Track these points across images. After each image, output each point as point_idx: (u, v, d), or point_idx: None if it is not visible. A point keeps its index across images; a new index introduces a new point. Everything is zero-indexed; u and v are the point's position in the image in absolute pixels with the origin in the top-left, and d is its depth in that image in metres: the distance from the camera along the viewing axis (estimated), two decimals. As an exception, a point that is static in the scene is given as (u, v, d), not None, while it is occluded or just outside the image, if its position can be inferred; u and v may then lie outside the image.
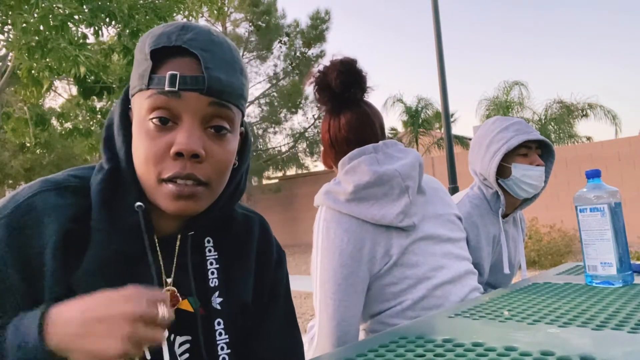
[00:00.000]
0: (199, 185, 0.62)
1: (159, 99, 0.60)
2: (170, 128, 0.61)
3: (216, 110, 0.62)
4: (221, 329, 0.69)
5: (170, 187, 0.61)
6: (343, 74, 1.12)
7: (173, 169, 0.60)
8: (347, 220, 1.07)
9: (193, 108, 0.61)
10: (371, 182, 1.06)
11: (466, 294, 1.10)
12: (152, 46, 0.61)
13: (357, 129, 1.14)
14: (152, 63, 0.60)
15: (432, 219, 1.15)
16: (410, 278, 1.06)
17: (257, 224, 0.80)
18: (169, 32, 0.62)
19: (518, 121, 1.50)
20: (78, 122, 8.53)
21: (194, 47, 0.61)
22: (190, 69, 0.60)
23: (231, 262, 0.74)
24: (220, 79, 0.61)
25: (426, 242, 1.10)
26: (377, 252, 1.06)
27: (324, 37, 13.65)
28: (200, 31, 0.63)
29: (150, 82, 0.60)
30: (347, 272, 1.04)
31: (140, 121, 0.62)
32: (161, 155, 0.60)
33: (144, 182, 0.63)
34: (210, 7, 6.26)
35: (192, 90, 0.60)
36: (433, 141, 14.94)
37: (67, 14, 4.69)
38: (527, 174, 1.45)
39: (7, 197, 0.64)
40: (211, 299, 0.70)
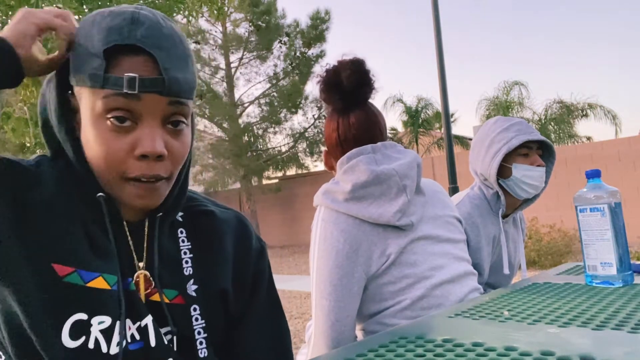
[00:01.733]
0: (160, 180, 0.64)
1: (117, 101, 0.59)
2: (128, 128, 0.61)
3: (175, 108, 0.63)
4: (197, 314, 0.71)
5: (134, 186, 0.63)
6: (355, 73, 1.13)
7: (138, 170, 0.62)
8: (345, 220, 1.07)
9: (153, 109, 0.61)
10: (369, 181, 1.07)
11: (466, 294, 1.10)
12: (103, 44, 0.59)
13: (365, 128, 1.15)
14: (105, 62, 0.59)
15: (431, 220, 1.15)
16: (409, 277, 1.06)
17: (233, 217, 0.81)
18: (119, 26, 0.60)
19: (519, 121, 1.50)
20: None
21: (149, 46, 0.59)
22: (147, 70, 0.59)
23: (205, 251, 0.75)
24: (178, 78, 0.61)
25: (425, 242, 1.10)
26: (374, 252, 1.06)
27: (324, 37, 13.64)
28: (150, 24, 0.61)
29: (106, 82, 0.59)
30: (343, 273, 1.04)
31: (95, 118, 0.61)
32: (124, 156, 0.61)
33: (102, 176, 0.64)
34: (210, 7, 6.27)
35: (152, 92, 0.60)
36: (433, 141, 14.96)
37: (67, 14, 4.70)
38: (527, 175, 1.45)
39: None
40: (186, 286, 0.71)
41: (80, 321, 0.61)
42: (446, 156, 7.39)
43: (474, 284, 1.15)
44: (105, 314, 0.62)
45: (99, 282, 0.63)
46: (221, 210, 0.80)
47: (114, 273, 0.64)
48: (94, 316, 0.62)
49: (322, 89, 1.18)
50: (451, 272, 1.10)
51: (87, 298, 0.62)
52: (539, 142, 1.49)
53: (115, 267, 0.65)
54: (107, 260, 0.65)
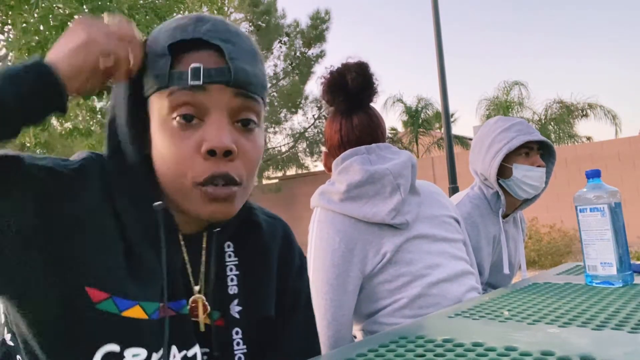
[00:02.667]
0: (233, 185, 0.58)
1: (183, 95, 0.56)
2: (195, 126, 0.57)
3: (243, 102, 0.59)
4: (239, 338, 0.65)
5: (204, 190, 0.57)
6: (360, 76, 1.14)
7: (207, 171, 0.56)
8: (341, 220, 1.08)
9: (219, 101, 0.57)
10: (363, 180, 1.08)
11: (463, 292, 1.10)
12: (168, 41, 0.57)
13: (368, 130, 1.17)
14: (170, 58, 0.57)
15: (427, 219, 1.15)
16: (405, 275, 1.07)
17: (280, 230, 0.76)
18: (184, 25, 0.58)
19: (520, 121, 1.50)
20: (78, 122, 8.54)
21: (214, 39, 0.57)
22: (212, 62, 0.57)
23: (252, 269, 0.70)
24: (246, 69, 0.58)
25: (421, 241, 1.11)
26: (369, 251, 1.07)
27: (324, 37, 13.64)
28: (216, 22, 0.60)
29: (171, 79, 0.56)
30: (338, 272, 1.05)
31: (162, 122, 0.58)
32: (191, 156, 0.56)
33: (170, 185, 0.59)
34: (210, 7, 6.27)
35: (217, 83, 0.56)
36: (433, 141, 14.96)
37: (67, 14, 4.70)
38: (527, 175, 1.46)
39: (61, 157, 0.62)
40: (229, 307, 0.66)
41: (111, 353, 0.55)
42: (446, 156, 7.39)
43: (472, 283, 1.15)
44: (140, 346, 0.56)
45: (136, 311, 0.57)
46: (268, 222, 0.75)
47: (154, 300, 0.58)
48: (127, 348, 0.55)
49: (326, 90, 1.19)
50: (448, 271, 1.10)
51: (121, 328, 0.55)
52: (540, 143, 1.49)
53: (156, 293, 0.58)
54: (150, 284, 0.58)
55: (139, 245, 0.59)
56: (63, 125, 8.98)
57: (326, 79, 1.18)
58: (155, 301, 0.58)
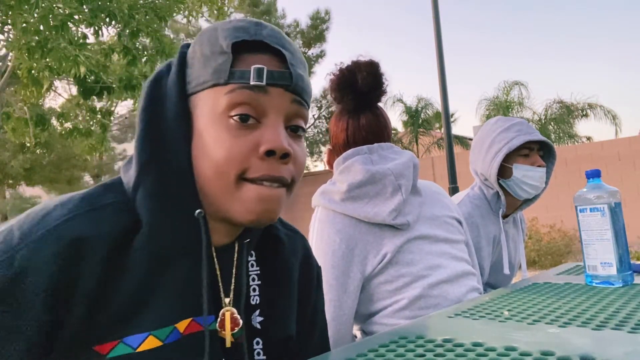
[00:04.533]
0: (282, 186, 0.58)
1: (243, 94, 0.55)
2: (252, 126, 0.56)
3: (297, 109, 0.59)
4: (260, 348, 0.65)
5: (254, 188, 0.55)
6: (370, 75, 1.13)
7: (262, 170, 0.55)
8: (341, 220, 1.08)
9: (279, 105, 0.57)
10: (364, 180, 1.07)
11: (464, 293, 1.10)
12: (230, 40, 0.57)
13: (376, 131, 1.16)
14: (232, 57, 0.56)
15: (429, 220, 1.15)
16: (406, 276, 1.06)
17: (300, 244, 0.76)
18: (245, 27, 0.58)
19: (520, 122, 1.50)
20: (78, 122, 8.53)
21: (275, 43, 0.57)
22: (274, 65, 0.57)
23: (273, 282, 0.69)
24: (302, 76, 0.59)
25: (422, 241, 1.10)
26: (370, 251, 1.07)
27: (324, 37, 13.67)
28: (274, 29, 0.60)
29: (231, 76, 0.56)
30: (339, 273, 1.05)
31: (215, 119, 0.56)
32: (247, 154, 0.55)
33: (214, 184, 0.56)
34: (210, 7, 6.27)
35: (279, 86, 0.56)
36: (433, 141, 14.95)
37: (67, 14, 4.70)
38: (528, 175, 1.46)
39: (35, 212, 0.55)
40: (251, 317, 0.65)
41: None
42: (446, 156, 7.39)
43: (472, 284, 1.15)
44: None
45: (150, 342, 0.54)
46: (289, 236, 0.74)
47: (167, 324, 0.56)
48: None
49: (335, 88, 1.17)
50: (449, 272, 1.10)
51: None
52: (540, 143, 1.49)
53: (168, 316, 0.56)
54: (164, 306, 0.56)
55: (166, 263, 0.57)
56: (63, 125, 8.98)
57: (336, 76, 1.17)
58: (167, 326, 0.56)
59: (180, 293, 0.57)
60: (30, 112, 7.70)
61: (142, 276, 0.55)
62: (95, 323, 0.53)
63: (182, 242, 0.57)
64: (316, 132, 13.79)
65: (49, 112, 8.67)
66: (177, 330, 0.57)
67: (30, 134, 7.90)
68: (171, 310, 0.56)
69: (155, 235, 0.56)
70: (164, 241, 0.56)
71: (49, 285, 0.50)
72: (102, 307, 0.53)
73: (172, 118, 0.58)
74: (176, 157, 0.57)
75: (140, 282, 0.55)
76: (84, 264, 0.52)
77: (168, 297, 0.56)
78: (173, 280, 0.57)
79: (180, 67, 0.60)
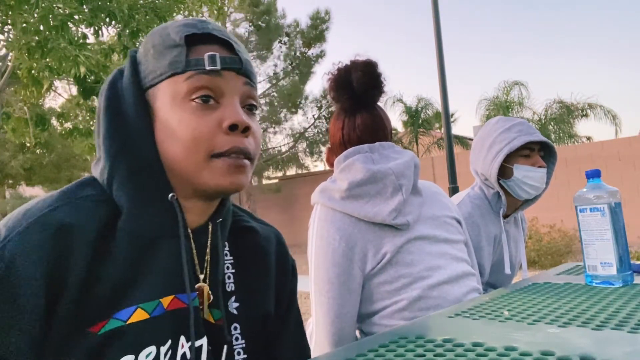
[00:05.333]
0: (246, 159, 0.64)
1: (202, 79, 0.61)
2: (213, 107, 0.62)
3: (249, 89, 0.66)
4: (238, 333, 0.69)
5: (223, 161, 0.61)
6: (366, 75, 1.13)
7: (229, 143, 0.61)
8: (341, 218, 1.08)
9: (233, 86, 0.64)
10: (365, 179, 1.07)
11: (464, 294, 1.10)
12: (182, 34, 0.63)
13: (371, 131, 1.16)
14: (185, 49, 0.62)
15: (429, 220, 1.14)
16: (406, 277, 1.06)
17: (273, 235, 0.81)
18: (192, 23, 0.65)
19: (521, 122, 1.50)
20: (78, 122, 8.53)
21: (222, 35, 0.65)
22: (224, 53, 0.64)
23: (248, 268, 0.74)
24: (249, 61, 0.66)
25: (422, 242, 1.10)
26: (369, 250, 1.06)
27: (324, 37, 13.64)
28: (216, 23, 0.67)
29: (188, 64, 0.62)
30: (340, 271, 1.05)
31: (177, 104, 0.62)
32: (213, 131, 0.61)
33: (184, 164, 0.61)
34: (210, 7, 6.27)
35: (231, 70, 0.63)
36: (433, 141, 14.95)
37: (67, 14, 4.70)
38: (528, 175, 1.46)
39: (17, 210, 0.59)
40: (227, 303, 0.69)
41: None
42: (446, 156, 7.39)
43: (472, 284, 1.15)
44: (150, 345, 0.59)
45: (138, 314, 0.58)
46: (262, 227, 0.80)
47: (153, 298, 0.60)
48: (140, 352, 0.57)
49: (332, 87, 1.18)
50: (449, 273, 1.10)
51: (130, 337, 0.57)
52: (541, 143, 1.49)
53: (154, 291, 0.60)
54: (150, 283, 0.60)
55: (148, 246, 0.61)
56: (63, 125, 8.98)
57: (332, 76, 1.17)
58: (153, 300, 0.60)
59: (163, 272, 0.61)
60: (30, 112, 7.70)
61: (128, 258, 0.59)
62: (87, 305, 0.56)
63: (160, 225, 0.62)
64: (316, 132, 13.78)
65: (49, 112, 8.67)
66: (162, 305, 0.61)
67: (30, 134, 7.90)
68: (156, 287, 0.60)
69: (134, 220, 0.60)
70: (143, 225, 0.61)
71: (40, 272, 0.53)
72: (93, 289, 0.56)
73: (133, 112, 0.63)
74: (142, 146, 0.62)
75: (126, 264, 0.59)
76: (72, 249, 0.55)
77: (153, 276, 0.60)
78: (156, 260, 0.61)
79: (133, 67, 0.66)
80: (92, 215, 0.58)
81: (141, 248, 0.60)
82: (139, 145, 0.62)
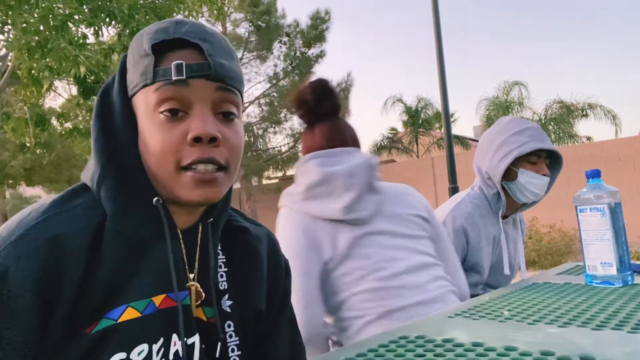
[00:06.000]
0: (218, 170, 0.62)
1: (168, 90, 0.60)
2: (181, 118, 0.61)
3: (223, 95, 0.63)
4: (231, 331, 0.70)
5: (190, 174, 0.60)
6: (316, 89, 1.26)
7: (193, 155, 0.60)
8: (301, 216, 1.18)
9: (202, 94, 0.61)
10: (317, 181, 1.17)
11: (427, 281, 1.14)
12: (151, 41, 0.61)
13: (328, 139, 1.25)
14: (154, 57, 0.61)
15: (388, 217, 1.21)
16: (362, 269, 1.13)
17: (265, 235, 0.81)
18: (165, 27, 0.63)
19: (533, 126, 1.49)
20: (78, 122, 8.54)
21: (193, 38, 0.61)
22: (193, 58, 0.61)
23: (240, 267, 0.74)
24: (224, 64, 0.62)
25: (378, 236, 1.16)
26: (324, 240, 1.15)
27: (324, 37, 13.64)
28: (194, 24, 0.64)
29: (155, 75, 0.60)
30: (301, 263, 1.12)
31: (149, 116, 0.61)
32: (178, 144, 0.60)
33: (158, 175, 0.62)
34: (210, 7, 6.27)
35: (199, 77, 0.60)
36: (433, 141, 14.95)
37: (67, 14, 4.70)
38: (531, 182, 1.46)
39: (11, 220, 0.59)
40: (221, 301, 0.70)
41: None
42: (446, 156, 7.38)
43: (436, 273, 1.18)
44: (142, 343, 0.59)
45: (129, 313, 0.59)
46: (254, 227, 0.80)
47: (144, 297, 0.61)
48: (132, 349, 0.58)
49: (293, 106, 1.31)
50: (407, 264, 1.15)
51: (121, 335, 0.58)
52: (548, 151, 1.48)
53: (144, 291, 0.61)
54: (141, 283, 0.61)
55: (138, 247, 0.62)
56: (63, 125, 8.98)
57: (292, 97, 1.31)
58: (143, 299, 0.61)
59: (153, 272, 0.62)
60: (30, 112, 7.70)
61: (118, 261, 0.60)
62: (81, 310, 0.56)
63: (146, 227, 0.62)
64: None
65: (49, 112, 8.68)
66: (153, 304, 0.61)
67: (30, 134, 7.90)
68: (147, 287, 0.61)
69: (121, 223, 0.61)
70: (131, 228, 0.61)
71: (34, 282, 0.53)
72: (87, 294, 0.57)
73: (119, 121, 0.64)
74: (128, 155, 0.63)
75: (117, 266, 0.59)
76: (65, 258, 0.56)
77: (144, 276, 0.61)
78: (147, 262, 0.62)
79: (121, 75, 0.66)
80: (84, 224, 0.59)
81: (131, 250, 0.61)
82: (125, 154, 0.63)
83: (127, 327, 0.59)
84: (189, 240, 0.68)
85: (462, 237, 1.48)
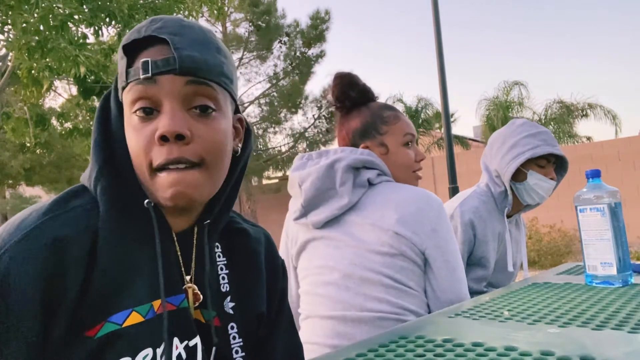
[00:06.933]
0: (192, 168, 0.60)
1: (137, 90, 0.59)
2: (154, 117, 0.60)
3: (195, 88, 0.60)
4: (235, 332, 0.70)
5: (164, 175, 0.59)
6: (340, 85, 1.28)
7: (162, 155, 0.59)
8: (287, 218, 1.29)
9: (169, 90, 0.59)
10: (289, 184, 1.24)
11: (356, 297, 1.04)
12: (124, 42, 0.62)
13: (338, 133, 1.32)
14: (127, 59, 0.61)
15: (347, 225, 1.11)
16: (303, 270, 1.20)
17: (263, 236, 0.82)
18: (140, 27, 0.62)
19: (546, 131, 1.56)
20: (78, 122, 8.54)
21: (162, 33, 0.60)
22: (160, 54, 0.59)
23: (241, 269, 0.74)
24: (193, 56, 0.60)
25: (323, 242, 1.15)
26: (290, 237, 1.27)
27: (324, 37, 13.63)
28: (169, 19, 0.62)
29: (127, 76, 0.60)
30: (284, 256, 1.26)
31: (128, 118, 0.62)
32: (148, 144, 0.59)
33: (141, 177, 0.62)
34: (210, 7, 6.26)
35: (165, 73, 0.59)
36: (433, 141, 14.94)
37: (67, 14, 4.69)
38: (539, 184, 1.51)
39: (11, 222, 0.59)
40: (223, 303, 0.70)
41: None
42: (446, 156, 7.38)
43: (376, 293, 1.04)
44: (147, 347, 0.59)
45: (134, 317, 0.59)
46: (252, 229, 0.80)
47: (146, 301, 0.60)
48: (137, 354, 0.58)
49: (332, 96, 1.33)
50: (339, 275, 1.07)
51: (127, 340, 0.58)
52: (556, 156, 1.53)
53: (145, 294, 0.60)
54: (141, 286, 0.60)
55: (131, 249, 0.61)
56: (63, 125, 8.98)
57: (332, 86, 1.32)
58: (145, 304, 0.60)
59: (150, 275, 0.61)
60: (30, 112, 7.70)
61: (119, 262, 0.59)
62: (83, 311, 0.56)
63: (142, 230, 0.62)
64: (316, 132, 13.76)
65: (49, 112, 8.68)
66: (153, 308, 0.61)
67: (30, 134, 7.90)
68: (146, 290, 0.61)
69: (116, 224, 0.60)
70: (127, 230, 0.61)
71: (36, 284, 0.53)
72: (88, 295, 0.56)
73: (115, 123, 0.64)
74: (120, 157, 0.63)
75: (117, 269, 0.59)
76: (67, 260, 0.55)
77: (142, 278, 0.61)
78: (145, 263, 0.62)
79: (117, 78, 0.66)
80: (85, 225, 0.59)
81: (131, 252, 0.61)
82: (119, 156, 0.63)
83: (132, 331, 0.58)
84: (185, 243, 0.67)
85: (470, 230, 1.50)
